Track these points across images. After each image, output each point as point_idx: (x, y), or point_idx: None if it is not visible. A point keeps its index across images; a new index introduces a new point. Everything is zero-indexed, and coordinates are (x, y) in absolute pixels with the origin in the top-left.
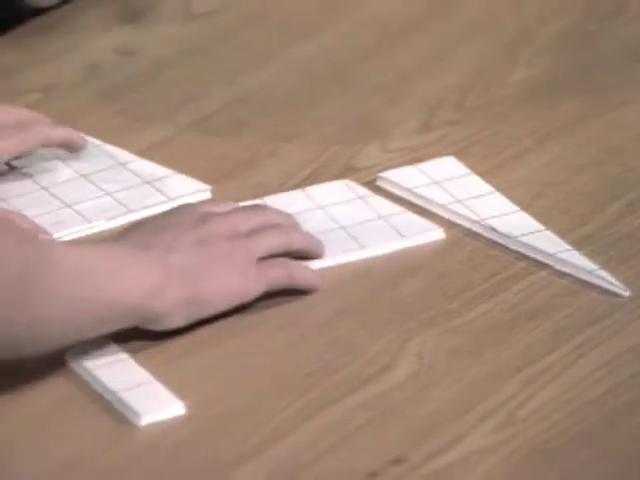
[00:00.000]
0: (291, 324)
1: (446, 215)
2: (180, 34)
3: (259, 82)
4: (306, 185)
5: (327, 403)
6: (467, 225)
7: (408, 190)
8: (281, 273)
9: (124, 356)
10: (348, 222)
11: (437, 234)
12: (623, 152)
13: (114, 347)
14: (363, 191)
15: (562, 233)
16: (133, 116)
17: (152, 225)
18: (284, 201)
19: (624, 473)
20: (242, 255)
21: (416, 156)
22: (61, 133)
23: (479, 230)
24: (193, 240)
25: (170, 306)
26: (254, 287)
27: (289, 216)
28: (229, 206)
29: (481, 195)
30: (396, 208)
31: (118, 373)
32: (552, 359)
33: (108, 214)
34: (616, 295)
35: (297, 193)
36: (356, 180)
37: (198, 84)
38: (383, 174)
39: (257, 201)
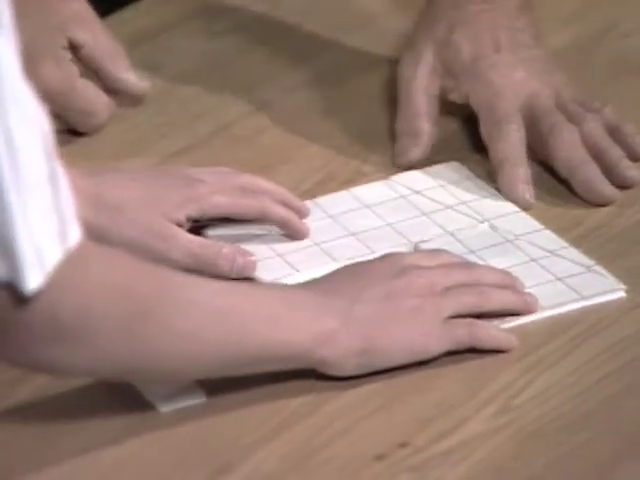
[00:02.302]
0: None
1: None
2: (201, 50)
3: (274, 94)
4: (316, 190)
5: (338, 391)
6: None
7: (418, 192)
8: (465, 333)
9: None
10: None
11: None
12: None
13: None
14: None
15: (558, 233)
16: (154, 126)
17: (350, 271)
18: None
19: (619, 455)
20: (429, 314)
21: (421, 162)
22: (280, 213)
23: None
24: (383, 293)
25: (340, 355)
26: (435, 346)
27: (503, 274)
28: (438, 259)
29: (484, 197)
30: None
31: None
32: (549, 348)
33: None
34: (611, 290)
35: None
36: (364, 184)
37: (217, 96)
38: (393, 177)
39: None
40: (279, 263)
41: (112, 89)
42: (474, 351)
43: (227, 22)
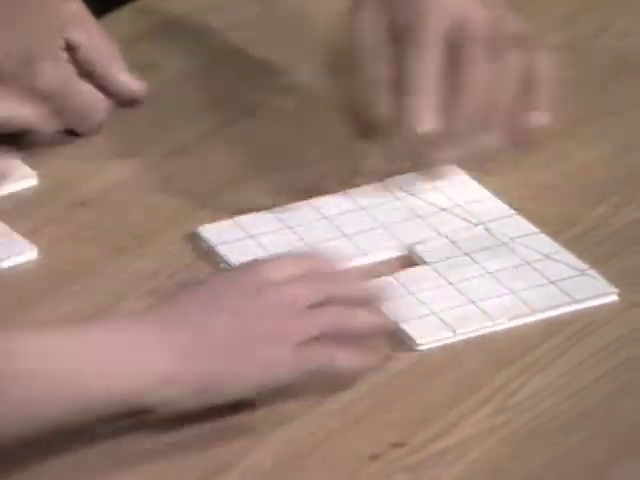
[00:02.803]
0: None
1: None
2: (198, 49)
3: (271, 93)
4: (311, 190)
5: (333, 390)
6: None
7: (413, 195)
8: (321, 360)
9: None
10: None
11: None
12: (609, 158)
13: None
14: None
15: (553, 234)
16: (152, 125)
17: (199, 294)
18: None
19: (615, 454)
20: (281, 340)
21: (416, 162)
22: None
23: None
24: (232, 320)
25: (181, 394)
26: (286, 376)
27: (366, 288)
28: (302, 265)
29: (480, 200)
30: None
31: None
32: (545, 349)
33: (511, 313)
34: (604, 293)
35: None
36: (360, 184)
37: (214, 95)
38: (389, 179)
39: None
40: None
41: (108, 91)
42: (472, 351)
43: (224, 21)
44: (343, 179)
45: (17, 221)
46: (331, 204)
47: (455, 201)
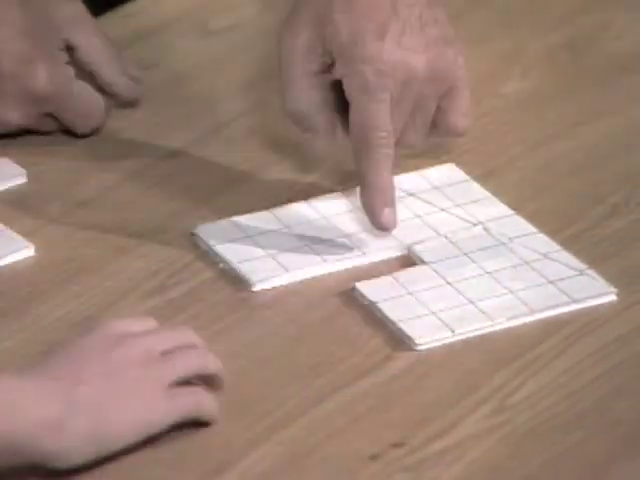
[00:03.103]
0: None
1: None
2: (197, 49)
3: (270, 93)
4: (310, 190)
5: (332, 390)
6: None
7: (412, 195)
8: (190, 402)
9: None
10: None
11: None
12: (608, 158)
13: None
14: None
15: (552, 233)
16: (151, 125)
17: (65, 353)
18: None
19: (613, 454)
20: (151, 383)
21: (415, 162)
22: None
23: None
24: (103, 369)
25: (67, 445)
26: (162, 419)
27: (191, 334)
28: (148, 324)
29: (479, 200)
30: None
31: None
32: (543, 349)
33: (510, 313)
34: (602, 293)
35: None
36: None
37: (213, 95)
38: None
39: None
40: (269, 263)
41: (107, 92)
42: (470, 351)
43: (223, 21)
44: (343, 179)
45: (17, 221)
46: (330, 204)
47: (454, 201)
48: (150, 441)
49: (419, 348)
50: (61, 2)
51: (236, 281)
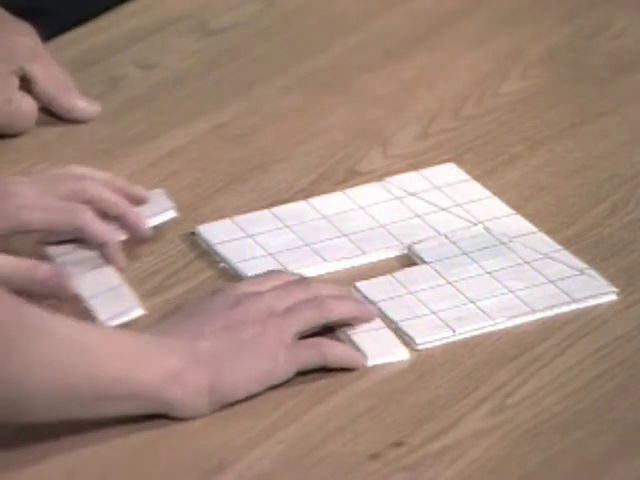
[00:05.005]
0: None
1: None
2: (197, 49)
3: (270, 93)
4: (311, 190)
5: (332, 390)
6: None
7: (412, 195)
8: (313, 354)
9: None
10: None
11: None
12: (608, 158)
13: None
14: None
15: (552, 233)
16: (153, 124)
17: (187, 310)
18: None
19: (612, 454)
20: (272, 338)
21: (415, 162)
22: (97, 232)
23: None
24: (223, 325)
25: (188, 394)
26: (283, 370)
27: (338, 287)
28: (271, 281)
29: (479, 199)
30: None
31: None
32: (543, 348)
33: (510, 312)
34: (602, 292)
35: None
36: (359, 184)
37: (213, 95)
38: (388, 179)
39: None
40: (269, 262)
41: (66, 118)
42: (471, 351)
43: (222, 21)
44: (343, 179)
45: None
46: (331, 204)
47: (454, 201)
48: (150, 441)
49: (419, 347)
50: (18, 35)
51: (236, 281)
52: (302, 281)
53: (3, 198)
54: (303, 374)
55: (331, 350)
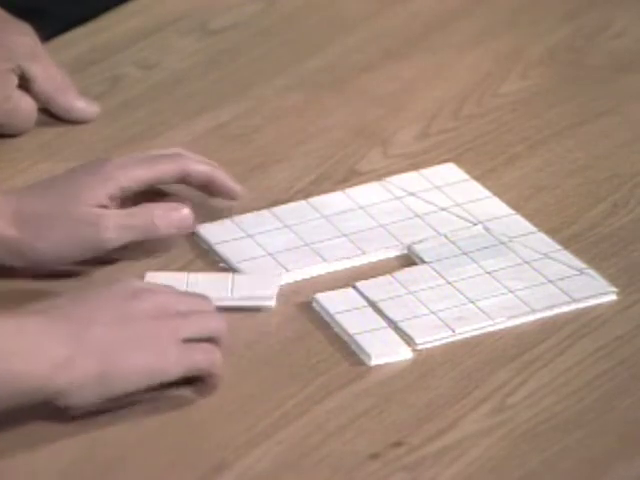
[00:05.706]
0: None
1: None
2: (197, 49)
3: (270, 93)
4: (311, 189)
5: (332, 390)
6: None
7: (412, 194)
8: (203, 359)
9: None
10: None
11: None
12: (608, 158)
13: None
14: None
15: (552, 233)
16: (153, 123)
17: (77, 296)
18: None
19: (612, 453)
20: (165, 334)
21: (415, 161)
22: (202, 169)
23: None
24: (117, 315)
25: (78, 382)
26: (173, 368)
27: (214, 308)
28: (167, 288)
29: (479, 199)
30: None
31: None
32: (543, 348)
33: (510, 312)
34: (602, 292)
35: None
36: (359, 183)
37: (213, 95)
38: (388, 179)
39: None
40: (269, 262)
41: (65, 118)
42: (471, 351)
43: (222, 21)
44: (343, 179)
45: None
46: (330, 204)
47: (454, 200)
48: (150, 440)
49: (419, 347)
50: (18, 35)
51: None
52: (196, 294)
53: (105, 163)
54: (303, 374)
55: (219, 362)
